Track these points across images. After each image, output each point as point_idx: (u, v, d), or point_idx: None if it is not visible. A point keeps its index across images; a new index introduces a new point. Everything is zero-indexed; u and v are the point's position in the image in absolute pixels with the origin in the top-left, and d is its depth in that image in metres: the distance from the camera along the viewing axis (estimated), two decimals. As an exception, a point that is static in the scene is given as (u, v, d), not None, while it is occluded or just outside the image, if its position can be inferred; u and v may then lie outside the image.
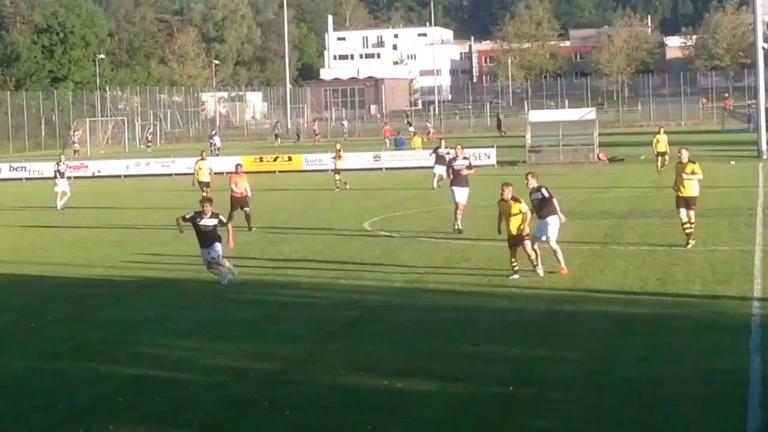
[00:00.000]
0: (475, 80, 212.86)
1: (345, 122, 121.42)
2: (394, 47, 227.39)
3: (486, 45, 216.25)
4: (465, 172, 33.52)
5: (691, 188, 27.50)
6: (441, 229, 33.52)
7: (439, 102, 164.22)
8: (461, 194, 32.88)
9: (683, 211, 27.50)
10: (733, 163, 57.41)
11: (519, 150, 67.86)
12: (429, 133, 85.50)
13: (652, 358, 16.25)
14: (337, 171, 52.31)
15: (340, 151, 53.15)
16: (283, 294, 22.32)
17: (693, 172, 27.48)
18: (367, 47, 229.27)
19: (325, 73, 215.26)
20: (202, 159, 45.34)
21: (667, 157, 52.15)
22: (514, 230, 23.71)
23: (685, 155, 27.75)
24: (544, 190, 24.33)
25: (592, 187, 46.54)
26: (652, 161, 56.07)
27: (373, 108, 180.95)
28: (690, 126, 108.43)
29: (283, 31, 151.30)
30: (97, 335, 19.51)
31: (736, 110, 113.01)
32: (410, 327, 19.16)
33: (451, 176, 33.78)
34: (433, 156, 49.18)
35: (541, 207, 24.30)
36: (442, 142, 50.05)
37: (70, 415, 14.39)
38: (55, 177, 47.18)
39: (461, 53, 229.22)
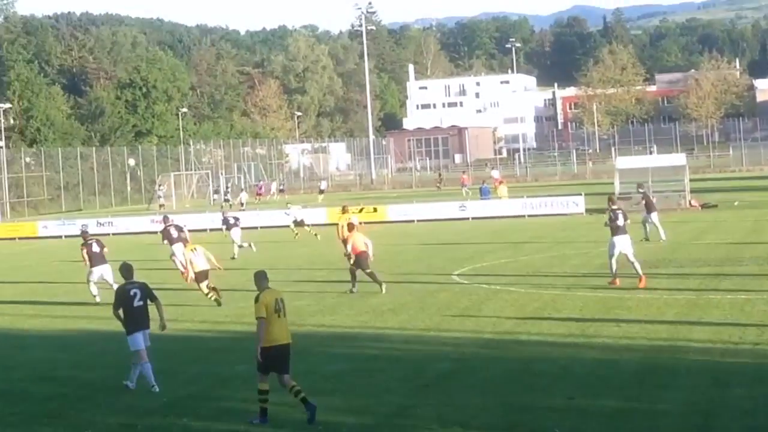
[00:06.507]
0: (560, 127, 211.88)
1: (323, 182, 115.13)
2: (477, 95, 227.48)
3: (570, 91, 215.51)
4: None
5: None
6: (530, 278, 33.13)
7: (524, 150, 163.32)
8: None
9: None
10: None
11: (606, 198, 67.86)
12: (499, 181, 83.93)
13: (754, 410, 15.79)
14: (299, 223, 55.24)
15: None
16: (372, 347, 22.09)
17: None
18: (449, 96, 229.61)
19: (408, 123, 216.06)
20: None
21: None
22: None
23: None
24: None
25: (685, 235, 45.70)
26: (746, 207, 55.17)
27: (458, 157, 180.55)
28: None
29: (364, 82, 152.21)
30: (188, 391, 19.42)
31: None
32: (502, 379, 18.83)
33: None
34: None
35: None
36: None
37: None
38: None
39: (545, 100, 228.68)
